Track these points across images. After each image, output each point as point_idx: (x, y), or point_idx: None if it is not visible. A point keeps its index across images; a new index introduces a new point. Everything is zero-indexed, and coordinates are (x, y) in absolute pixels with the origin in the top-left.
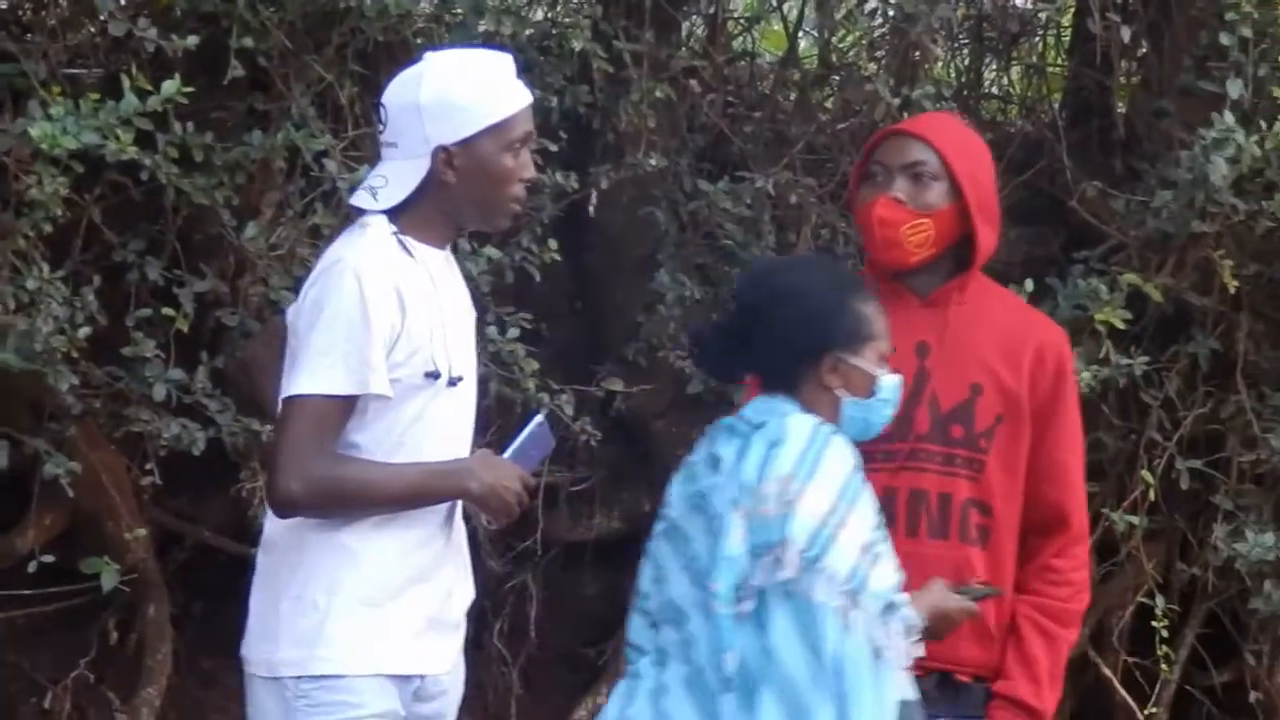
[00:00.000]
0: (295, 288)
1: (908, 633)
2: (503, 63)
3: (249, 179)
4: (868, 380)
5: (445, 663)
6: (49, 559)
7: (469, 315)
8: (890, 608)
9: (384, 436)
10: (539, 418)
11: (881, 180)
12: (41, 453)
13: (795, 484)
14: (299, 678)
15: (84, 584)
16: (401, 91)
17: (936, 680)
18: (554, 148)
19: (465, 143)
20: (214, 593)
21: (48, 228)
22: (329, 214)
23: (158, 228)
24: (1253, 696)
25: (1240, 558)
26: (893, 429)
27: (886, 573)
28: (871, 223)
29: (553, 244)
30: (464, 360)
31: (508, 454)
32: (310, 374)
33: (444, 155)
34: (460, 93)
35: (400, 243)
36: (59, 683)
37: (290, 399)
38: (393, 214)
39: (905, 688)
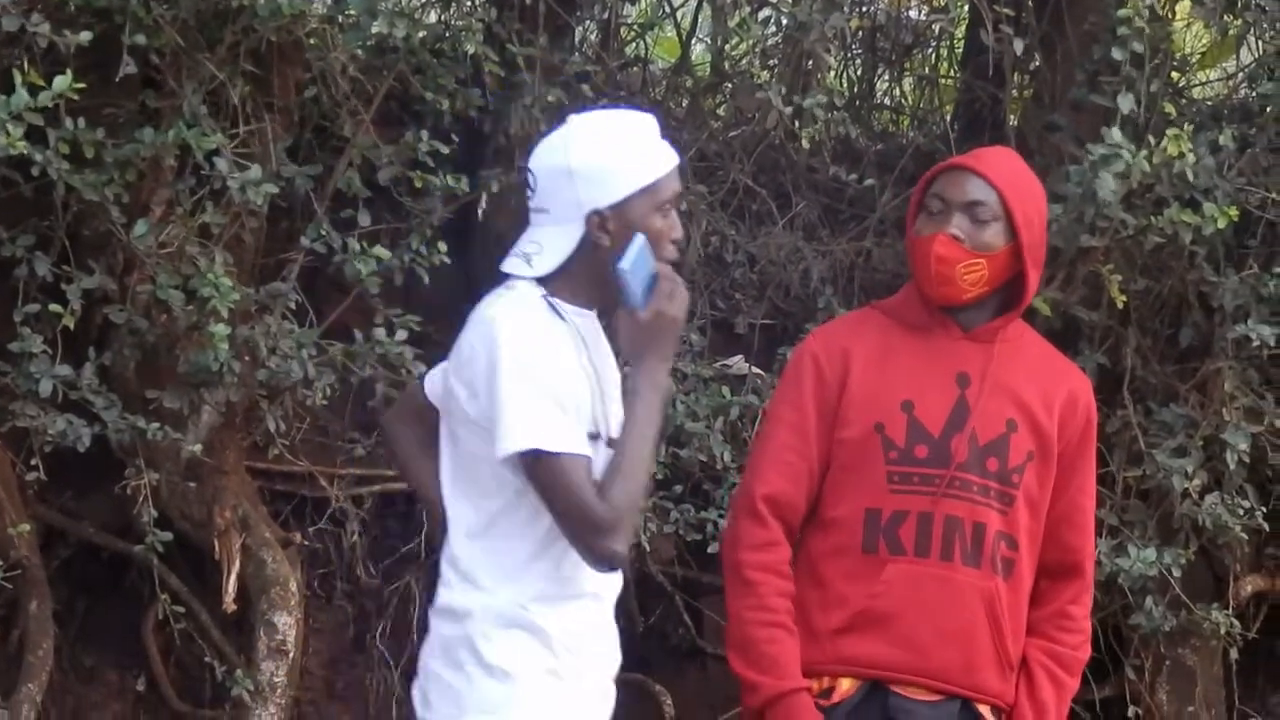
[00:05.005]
0: (183, 286)
1: None
2: (648, 124)
3: (139, 176)
4: None
5: None
6: None
7: (616, 377)
8: None
9: None
10: (640, 239)
11: (939, 215)
12: None
13: None
14: None
15: None
16: (550, 156)
17: (959, 706)
18: (445, 150)
19: (618, 205)
20: (97, 590)
21: None
22: (219, 213)
23: (47, 223)
24: (1131, 712)
25: (1123, 573)
26: (933, 455)
27: None
28: (928, 259)
29: (442, 246)
30: (617, 421)
31: (631, 304)
32: (547, 432)
33: (598, 219)
34: (611, 155)
35: (550, 305)
36: None
37: (550, 459)
38: (543, 277)
39: None
